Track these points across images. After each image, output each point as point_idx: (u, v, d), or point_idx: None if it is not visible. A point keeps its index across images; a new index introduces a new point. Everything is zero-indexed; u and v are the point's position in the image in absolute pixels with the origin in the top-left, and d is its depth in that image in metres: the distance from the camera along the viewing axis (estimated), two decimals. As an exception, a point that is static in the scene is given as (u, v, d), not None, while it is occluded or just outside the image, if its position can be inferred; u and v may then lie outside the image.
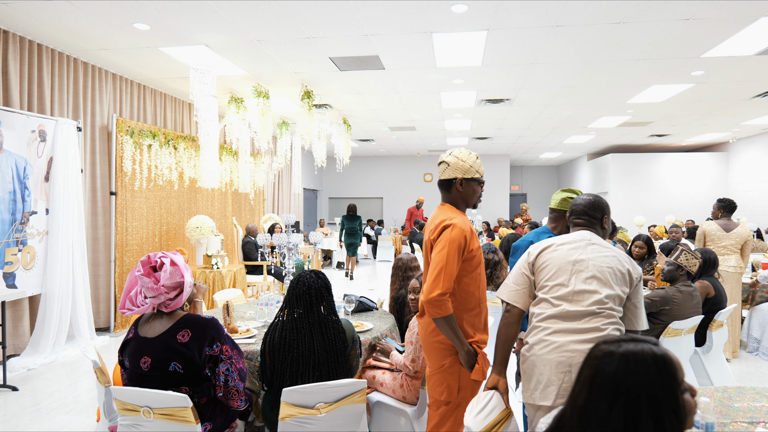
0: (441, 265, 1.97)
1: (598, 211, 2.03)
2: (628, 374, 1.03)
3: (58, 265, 4.77)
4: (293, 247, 3.67)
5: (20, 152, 4.51)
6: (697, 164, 12.43)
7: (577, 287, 1.84)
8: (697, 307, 3.38)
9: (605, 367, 1.05)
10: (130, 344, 2.08)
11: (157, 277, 2.03)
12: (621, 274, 1.87)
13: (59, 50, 5.08)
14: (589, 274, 1.85)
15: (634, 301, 1.91)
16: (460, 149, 2.18)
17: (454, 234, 2.00)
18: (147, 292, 2.03)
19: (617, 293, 1.84)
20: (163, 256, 2.09)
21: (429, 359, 2.14)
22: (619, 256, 1.91)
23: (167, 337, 2.02)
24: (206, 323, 2.07)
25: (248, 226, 7.66)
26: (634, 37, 4.74)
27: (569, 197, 2.68)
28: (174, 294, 2.06)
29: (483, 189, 2.24)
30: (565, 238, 1.98)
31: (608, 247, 1.94)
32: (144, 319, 2.13)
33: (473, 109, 8.29)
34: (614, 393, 1.02)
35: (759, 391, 2.00)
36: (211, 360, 2.05)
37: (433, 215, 2.19)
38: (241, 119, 6.74)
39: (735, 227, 4.89)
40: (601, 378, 1.05)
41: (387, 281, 9.33)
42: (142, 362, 2.01)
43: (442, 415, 2.09)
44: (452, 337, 2.01)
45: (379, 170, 16.00)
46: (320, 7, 4.08)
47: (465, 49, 5.13)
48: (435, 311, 1.97)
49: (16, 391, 3.84)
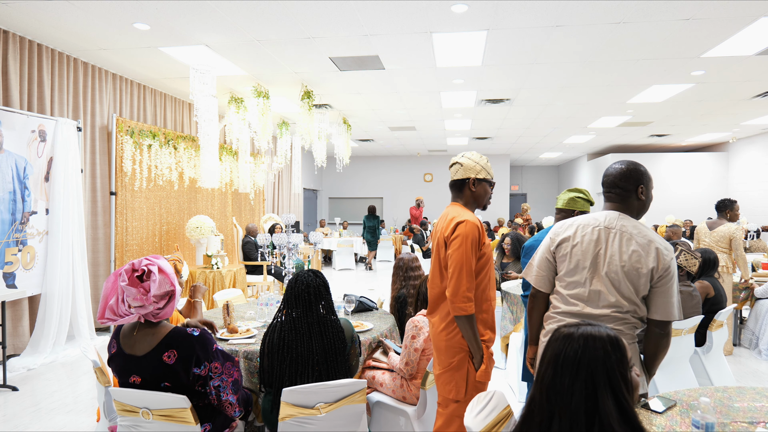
0: (462, 262, 2.01)
1: (631, 182, 1.83)
2: (587, 351, 1.17)
3: (58, 265, 4.77)
4: (293, 247, 3.67)
5: (20, 152, 4.51)
6: (697, 164, 12.43)
7: (594, 287, 1.81)
8: (697, 307, 3.38)
9: (567, 347, 1.19)
10: (116, 359, 1.97)
11: (146, 287, 1.88)
12: (639, 274, 1.75)
13: (59, 50, 5.08)
14: (607, 274, 1.79)
15: (660, 290, 1.75)
16: (472, 152, 2.25)
17: (468, 228, 2.04)
18: (133, 302, 1.88)
19: (631, 297, 1.77)
20: (150, 264, 1.92)
21: (438, 358, 2.16)
22: (643, 249, 1.75)
23: (153, 357, 1.92)
24: (192, 342, 1.94)
25: (248, 226, 7.66)
26: (634, 37, 4.74)
27: (577, 197, 2.72)
28: (163, 303, 1.93)
29: (493, 190, 2.29)
30: (589, 221, 1.86)
31: (635, 236, 1.77)
32: (126, 332, 1.99)
33: (473, 109, 8.29)
34: (576, 369, 1.16)
35: (759, 391, 2.00)
36: (200, 379, 1.95)
37: (445, 213, 2.22)
38: (241, 119, 6.73)
39: (718, 226, 4.91)
40: (564, 356, 1.19)
41: (387, 281, 9.33)
42: (131, 380, 1.94)
43: (450, 414, 2.11)
44: (470, 337, 2.04)
45: (379, 170, 15.99)
46: (320, 7, 4.08)
47: (465, 49, 5.13)
48: (462, 309, 1.99)
49: (16, 391, 3.84)
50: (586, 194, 2.75)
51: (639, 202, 1.86)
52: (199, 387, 1.97)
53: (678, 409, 1.82)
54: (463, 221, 2.05)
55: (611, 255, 1.80)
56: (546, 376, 1.21)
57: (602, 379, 1.15)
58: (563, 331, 1.23)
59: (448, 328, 2.11)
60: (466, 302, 1.99)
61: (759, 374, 4.30)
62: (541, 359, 1.25)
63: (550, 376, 1.20)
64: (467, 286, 1.99)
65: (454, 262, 2.02)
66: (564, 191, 2.77)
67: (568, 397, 1.15)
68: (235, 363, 2.09)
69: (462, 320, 2.02)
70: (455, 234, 2.04)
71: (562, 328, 1.25)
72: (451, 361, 2.09)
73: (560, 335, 1.23)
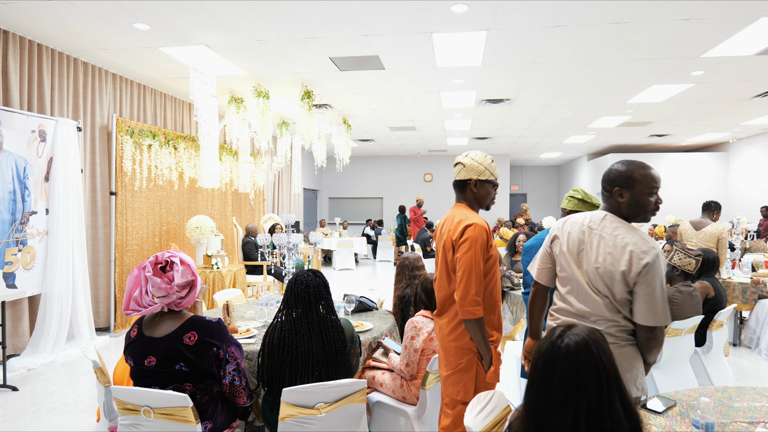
0: (471, 266, 2.00)
1: (608, 183, 1.88)
2: (579, 361, 1.13)
3: (58, 265, 4.77)
4: (293, 247, 3.67)
5: (20, 152, 4.51)
6: (697, 164, 12.43)
7: (579, 285, 1.84)
8: (697, 307, 3.38)
9: (555, 369, 1.15)
10: (134, 343, 2.07)
11: (169, 276, 2.05)
12: (612, 276, 1.74)
13: (59, 50, 5.08)
14: (587, 273, 1.83)
15: (639, 293, 1.71)
16: (476, 152, 2.22)
17: (477, 232, 2.03)
18: (157, 292, 2.02)
19: (609, 299, 1.77)
20: (172, 256, 2.10)
21: (446, 359, 2.16)
22: (616, 252, 1.75)
23: (173, 338, 2.02)
24: (212, 326, 2.09)
25: (248, 226, 7.66)
26: (634, 37, 4.74)
27: (572, 196, 2.86)
28: (185, 292, 2.09)
29: (496, 191, 2.28)
30: (578, 220, 1.91)
31: (609, 239, 1.78)
32: (148, 319, 2.12)
33: (473, 109, 8.29)
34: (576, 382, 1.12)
35: (759, 391, 2.00)
36: (218, 361, 2.07)
37: (450, 215, 2.21)
38: (241, 119, 6.74)
39: (705, 226, 4.97)
40: (551, 379, 1.15)
41: (387, 281, 9.33)
42: (147, 361, 2.01)
43: (457, 414, 2.11)
44: (480, 340, 2.04)
45: (379, 170, 15.99)
46: (320, 7, 4.08)
47: (465, 49, 5.13)
48: (471, 312, 1.99)
49: (16, 391, 3.84)
50: (584, 195, 2.82)
51: (619, 203, 1.84)
52: (214, 368, 2.07)
53: (678, 409, 1.82)
54: (471, 224, 2.05)
55: (589, 255, 1.82)
56: (540, 384, 1.17)
57: (603, 379, 1.13)
58: (546, 351, 1.19)
59: (456, 330, 2.11)
60: (475, 306, 1.99)
61: (759, 374, 4.30)
62: (528, 385, 1.21)
63: (542, 384, 1.17)
64: (476, 290, 1.99)
65: (463, 266, 2.01)
66: (571, 190, 2.90)
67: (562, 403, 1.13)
68: (243, 352, 2.24)
69: (471, 323, 2.02)
70: (464, 237, 2.04)
71: (548, 336, 1.22)
72: (460, 362, 2.09)
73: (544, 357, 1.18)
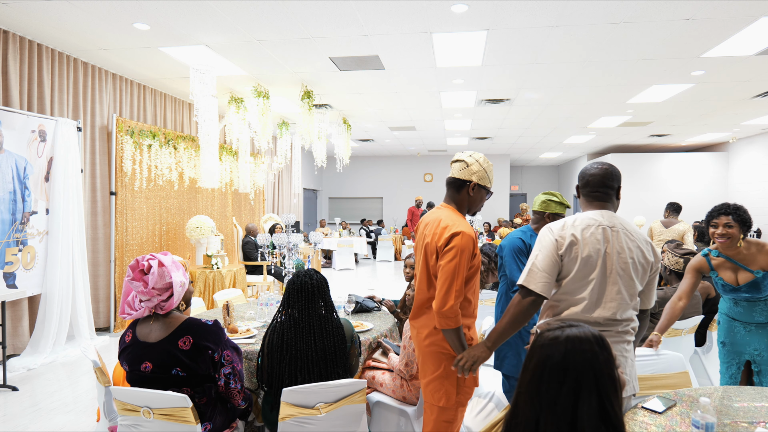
0: (453, 276, 1.92)
1: (616, 181, 1.91)
2: (575, 354, 1.13)
3: (58, 265, 4.77)
4: (293, 247, 3.68)
5: (20, 152, 4.51)
6: (697, 164, 12.43)
7: (603, 286, 1.81)
8: (697, 307, 3.38)
9: (553, 352, 1.15)
10: (129, 349, 2.05)
11: (145, 280, 2.00)
12: (644, 269, 1.84)
13: (59, 50, 5.08)
14: (616, 272, 1.80)
15: (649, 282, 1.90)
16: (479, 154, 2.13)
17: (464, 242, 1.95)
18: (140, 296, 2.01)
19: (635, 294, 1.84)
20: (151, 258, 2.04)
21: (423, 365, 2.09)
22: (643, 245, 1.85)
23: (168, 343, 1.99)
24: (208, 329, 2.05)
25: (248, 226, 7.66)
26: (634, 37, 4.74)
27: (550, 200, 2.73)
28: (166, 295, 2.03)
29: (488, 199, 2.21)
30: (589, 221, 1.85)
31: (634, 233, 1.85)
32: (142, 322, 2.09)
33: (473, 109, 8.29)
34: (563, 373, 1.12)
35: (759, 391, 2.00)
36: (213, 365, 2.05)
37: (435, 216, 2.11)
38: (241, 119, 6.74)
39: (674, 224, 5.32)
40: (551, 362, 1.15)
41: (387, 281, 9.34)
42: (143, 367, 1.99)
43: (437, 419, 2.07)
44: (458, 346, 1.98)
45: (379, 170, 16.00)
46: (320, 7, 4.08)
47: (465, 49, 5.13)
48: (447, 323, 1.93)
49: (16, 391, 3.84)
50: (560, 198, 2.78)
51: (618, 201, 1.96)
52: (211, 371, 2.05)
53: (678, 409, 1.82)
54: (459, 233, 1.96)
55: (618, 252, 1.81)
56: (532, 383, 1.17)
57: (589, 380, 1.12)
58: (548, 336, 1.19)
59: (432, 335, 2.05)
60: (454, 316, 1.92)
61: (759, 374, 4.29)
62: (524, 366, 1.21)
63: (535, 383, 1.17)
64: (456, 301, 1.91)
65: (445, 274, 1.94)
66: (539, 194, 2.80)
67: (554, 403, 1.12)
68: (241, 354, 2.22)
69: (449, 333, 1.96)
70: (450, 245, 1.95)
71: (545, 332, 1.20)
72: (438, 369, 2.03)
73: (545, 340, 1.19)
